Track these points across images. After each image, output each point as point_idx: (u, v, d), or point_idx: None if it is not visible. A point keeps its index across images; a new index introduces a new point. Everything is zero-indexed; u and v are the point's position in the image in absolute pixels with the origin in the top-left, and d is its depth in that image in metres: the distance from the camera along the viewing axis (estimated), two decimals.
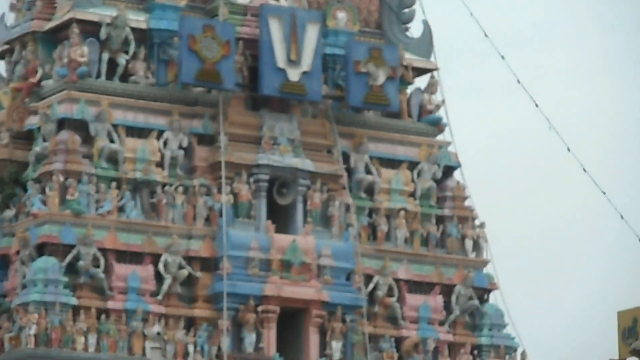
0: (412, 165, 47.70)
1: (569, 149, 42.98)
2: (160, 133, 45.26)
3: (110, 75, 45.08)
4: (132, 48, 45.36)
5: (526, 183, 78.90)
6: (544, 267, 77.88)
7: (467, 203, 48.59)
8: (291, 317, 45.45)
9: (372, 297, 45.86)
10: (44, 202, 43.74)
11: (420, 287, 46.70)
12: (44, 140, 45.03)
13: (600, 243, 75.81)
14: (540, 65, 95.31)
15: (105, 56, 45.01)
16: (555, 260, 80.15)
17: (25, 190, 44.75)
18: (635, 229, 47.77)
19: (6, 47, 47.95)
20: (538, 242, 77.54)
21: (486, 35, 49.27)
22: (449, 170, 48.42)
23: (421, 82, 49.38)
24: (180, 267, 43.85)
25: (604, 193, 47.10)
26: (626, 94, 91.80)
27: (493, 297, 47.91)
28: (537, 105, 48.46)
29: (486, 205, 51.65)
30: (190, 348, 43.55)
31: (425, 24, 49.44)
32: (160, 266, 43.73)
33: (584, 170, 47.61)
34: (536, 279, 77.39)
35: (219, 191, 45.08)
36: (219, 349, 43.97)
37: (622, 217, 47.55)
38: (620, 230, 50.22)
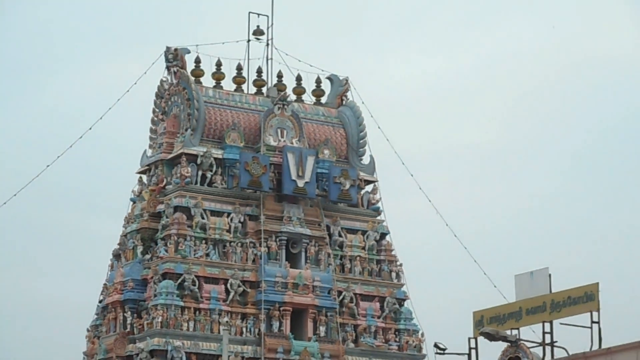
0: (364, 232, 50.64)
1: None
2: (229, 214, 48.34)
3: (202, 183, 48.45)
4: (214, 168, 48.79)
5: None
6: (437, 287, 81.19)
7: (393, 253, 51.15)
8: (298, 314, 48.31)
9: (341, 303, 48.95)
10: (166, 250, 46.88)
11: (367, 297, 49.60)
12: (167, 217, 47.94)
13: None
14: None
15: (200, 173, 48.54)
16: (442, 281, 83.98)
17: (157, 244, 47.92)
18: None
19: (147, 167, 50.40)
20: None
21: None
22: (383, 235, 51.18)
23: (369, 187, 51.67)
24: (239, 286, 47.10)
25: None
26: None
27: (406, 304, 50.43)
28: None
29: (404, 253, 52.74)
30: (244, 330, 47.08)
31: (371, 157, 52.29)
32: (229, 285, 47.08)
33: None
34: (433, 293, 77.76)
35: (260, 245, 48.10)
36: (259, 330, 47.10)
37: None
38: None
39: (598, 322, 29.93)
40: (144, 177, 51.02)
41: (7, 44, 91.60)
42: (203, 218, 48.05)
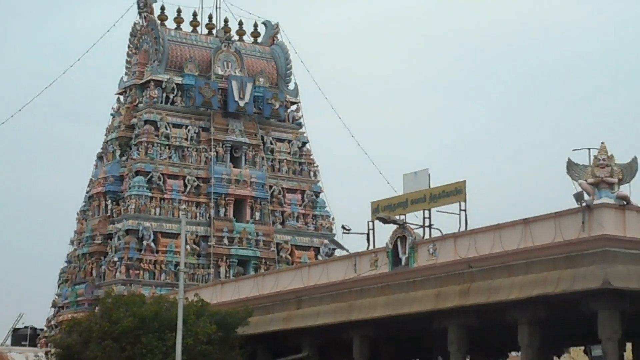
0: (289, 141, 50.20)
1: None
2: (187, 127, 47.73)
3: (166, 103, 48.11)
4: (175, 91, 48.39)
5: None
6: None
7: (311, 157, 50.69)
8: (239, 203, 47.89)
9: (272, 195, 48.66)
10: (138, 154, 46.79)
11: (291, 191, 49.43)
12: (139, 128, 47.33)
13: None
14: None
15: (164, 95, 48.21)
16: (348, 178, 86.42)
17: (131, 149, 47.77)
18: None
19: (123, 90, 49.91)
20: None
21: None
22: (304, 144, 50.58)
23: (294, 107, 51.37)
24: (194, 181, 46.86)
25: None
26: None
27: (321, 195, 50.24)
28: None
29: (320, 157, 52.56)
30: (198, 214, 46.92)
31: (296, 84, 51.69)
32: (186, 181, 46.67)
33: None
34: (342, 188, 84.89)
35: (210, 150, 47.96)
36: (209, 215, 46.95)
37: None
38: None
39: (465, 210, 29.92)
40: (121, 98, 50.76)
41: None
42: (167, 129, 48.12)
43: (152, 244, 45.87)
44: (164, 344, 30.10)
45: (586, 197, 24.50)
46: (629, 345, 30.60)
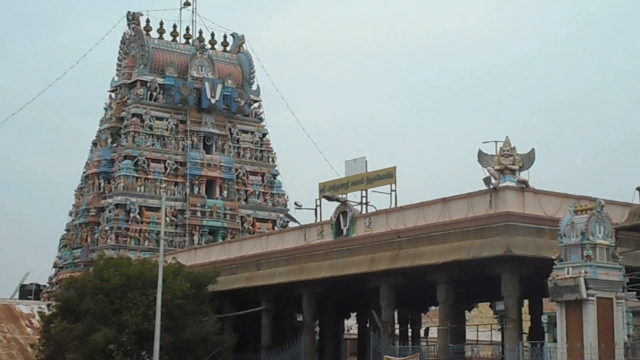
0: (252, 132, 49.20)
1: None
2: (167, 119, 46.83)
3: (150, 99, 47.18)
4: (158, 90, 47.31)
5: None
6: None
7: (270, 145, 49.73)
8: (210, 183, 46.91)
9: (237, 176, 47.71)
10: (127, 141, 45.97)
11: (254, 173, 48.56)
12: (127, 120, 46.51)
13: None
14: None
15: (149, 93, 47.27)
16: (300, 164, 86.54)
17: (120, 137, 46.84)
18: None
19: (114, 88, 49.08)
20: None
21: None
22: (264, 135, 49.71)
23: (256, 104, 50.30)
24: (173, 165, 46.05)
25: None
26: None
27: (278, 177, 49.27)
28: None
29: (278, 146, 51.70)
30: (176, 192, 46.45)
31: (258, 86, 50.45)
32: (166, 164, 45.94)
33: None
34: (295, 171, 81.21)
35: (187, 139, 47.03)
36: (186, 192, 46.45)
37: None
38: None
39: (395, 191, 30.11)
40: (113, 95, 50.15)
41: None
42: (150, 121, 47.42)
43: (138, 216, 45.38)
44: (146, 298, 29.87)
45: (493, 181, 24.58)
46: (526, 302, 31.21)
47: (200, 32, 51.42)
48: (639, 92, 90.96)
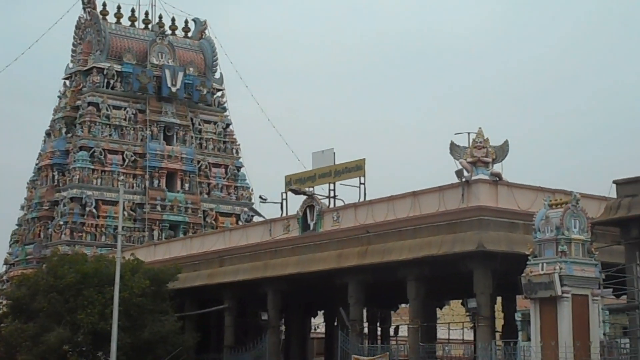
0: (215, 122, 49.01)
1: None
2: (125, 108, 46.48)
3: (107, 87, 46.81)
4: (115, 77, 46.96)
5: None
6: None
7: (234, 136, 49.67)
8: (171, 175, 46.73)
9: (199, 169, 47.54)
10: (82, 131, 45.51)
11: (217, 165, 48.37)
12: (83, 109, 46.12)
13: None
14: None
15: (105, 80, 46.94)
16: (266, 155, 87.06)
17: (76, 127, 46.22)
18: None
19: (69, 75, 48.64)
20: None
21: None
22: (227, 125, 49.33)
23: (219, 93, 50.09)
24: (131, 156, 45.88)
25: None
26: None
27: (242, 170, 49.10)
28: None
29: (242, 137, 51.85)
30: (134, 185, 46.39)
31: (221, 74, 50.40)
32: (124, 156, 45.66)
33: None
34: (260, 163, 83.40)
35: (146, 129, 46.80)
36: (145, 185, 46.07)
37: None
38: None
39: (364, 184, 30.00)
40: (67, 82, 49.63)
41: None
42: (107, 110, 47.06)
43: (94, 210, 44.97)
44: (103, 296, 29.78)
45: (465, 173, 24.57)
46: (499, 299, 31.07)
47: (160, 17, 51.07)
48: (614, 84, 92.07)
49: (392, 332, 38.01)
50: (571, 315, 19.71)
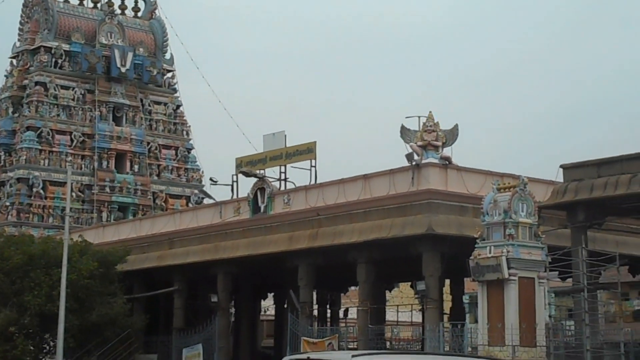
0: (165, 104, 48.75)
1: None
2: (73, 88, 46.21)
3: (55, 67, 46.59)
4: (63, 57, 46.64)
5: None
6: None
7: (184, 118, 49.24)
8: (120, 156, 46.67)
9: (149, 150, 47.51)
10: (30, 111, 45.22)
11: (167, 147, 48.25)
12: (30, 89, 45.66)
13: None
14: None
15: (53, 60, 46.63)
16: (217, 138, 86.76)
17: (23, 107, 45.89)
18: None
19: (16, 54, 48.40)
20: None
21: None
22: (178, 107, 49.11)
23: (170, 74, 50.03)
24: (80, 137, 45.59)
25: None
26: None
27: (192, 152, 49.02)
28: None
29: (193, 118, 51.71)
30: (83, 166, 46.05)
31: (172, 54, 50.27)
32: (73, 137, 45.36)
33: None
34: (211, 145, 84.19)
35: (95, 110, 46.43)
36: (93, 167, 45.99)
37: None
38: None
39: (315, 167, 29.96)
40: (14, 61, 49.10)
41: None
42: (55, 90, 46.67)
43: (41, 191, 44.73)
44: (50, 278, 29.49)
45: (415, 157, 24.66)
46: (447, 282, 31.23)
47: None
48: (563, 69, 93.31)
49: (341, 315, 38.51)
50: (518, 298, 19.86)
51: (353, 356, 7.26)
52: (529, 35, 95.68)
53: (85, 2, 49.70)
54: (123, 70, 47.69)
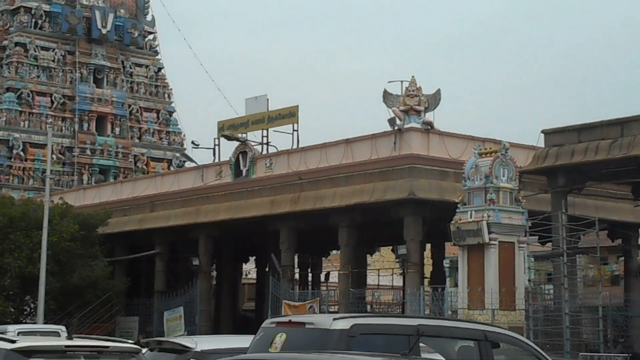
0: (147, 66, 48.34)
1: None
2: (54, 50, 45.57)
3: (35, 28, 45.92)
4: (44, 18, 46.00)
5: None
6: None
7: (166, 80, 48.75)
8: (101, 119, 46.40)
9: (130, 113, 46.68)
10: (9, 72, 44.66)
11: (148, 110, 47.79)
12: (9, 50, 45.10)
13: None
14: None
15: (33, 20, 45.91)
16: (198, 101, 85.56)
17: (2, 68, 45.24)
18: None
19: None
20: None
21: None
22: (160, 69, 48.94)
23: (151, 36, 49.66)
24: (60, 99, 45.07)
25: None
26: None
27: (174, 115, 48.47)
28: None
29: (174, 81, 53.66)
30: (63, 128, 45.98)
31: (153, 16, 49.67)
32: (53, 98, 44.84)
33: None
34: (193, 109, 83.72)
35: (75, 71, 45.96)
36: (74, 129, 45.70)
37: None
38: None
39: (297, 131, 29.94)
40: None
41: None
42: (35, 51, 46.15)
43: (22, 153, 44.36)
44: (31, 240, 29.53)
45: (398, 122, 24.78)
46: (428, 246, 31.79)
47: None
48: (545, 33, 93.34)
49: (322, 279, 38.41)
50: (498, 262, 20.02)
51: (334, 319, 7.30)
52: None
53: None
54: (104, 31, 47.23)
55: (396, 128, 24.56)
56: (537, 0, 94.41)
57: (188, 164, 40.03)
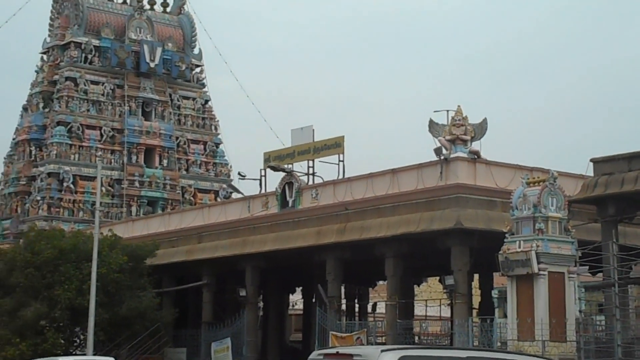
0: (194, 99, 49.10)
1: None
2: (103, 84, 46.41)
3: (85, 62, 46.78)
4: (93, 52, 46.96)
5: None
6: None
7: (213, 113, 49.46)
8: (149, 151, 46.94)
9: (178, 145, 47.73)
10: (60, 106, 45.41)
11: (195, 142, 48.50)
12: (60, 84, 46.06)
13: None
14: None
15: (83, 55, 46.90)
16: (245, 132, 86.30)
17: (53, 102, 46.15)
18: None
19: (46, 50, 48.64)
20: None
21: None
22: (206, 101, 49.38)
23: (198, 69, 50.17)
24: (109, 132, 45.96)
25: None
26: None
27: (221, 146, 49.21)
28: None
29: (221, 113, 55.93)
30: (112, 161, 46.43)
31: (200, 49, 50.43)
32: (102, 131, 45.64)
33: None
34: (239, 141, 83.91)
35: (124, 105, 46.67)
36: (123, 161, 46.37)
37: None
38: None
39: (343, 161, 29.85)
40: (45, 57, 49.48)
41: None
42: (85, 85, 46.97)
43: (72, 186, 45.07)
44: (80, 272, 29.68)
45: (444, 151, 24.56)
46: (476, 276, 31.47)
47: None
48: (593, 63, 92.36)
49: (369, 309, 38.31)
50: (547, 293, 19.73)
51: (382, 351, 7.19)
52: (559, 26, 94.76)
53: None
54: (152, 65, 47.96)
55: (442, 158, 24.41)
56: (584, 31, 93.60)
57: (235, 195, 40.11)
